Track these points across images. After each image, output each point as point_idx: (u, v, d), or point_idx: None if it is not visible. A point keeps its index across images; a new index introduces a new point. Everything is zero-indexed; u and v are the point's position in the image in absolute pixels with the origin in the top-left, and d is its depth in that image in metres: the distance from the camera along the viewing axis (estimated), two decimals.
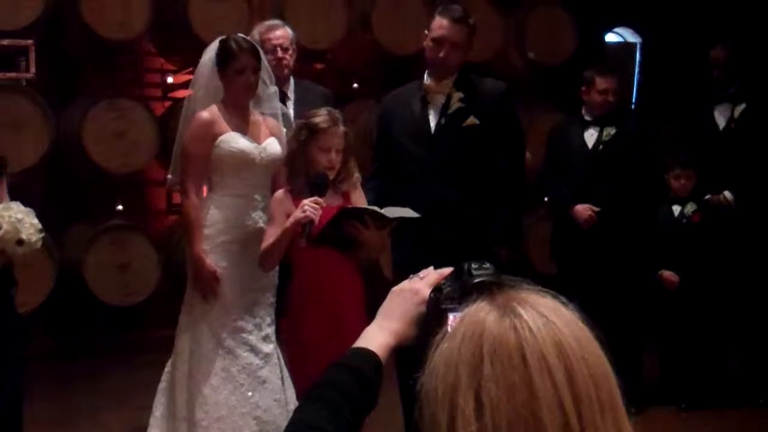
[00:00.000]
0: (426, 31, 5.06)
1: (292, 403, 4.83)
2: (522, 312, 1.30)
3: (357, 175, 4.50)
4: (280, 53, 5.57)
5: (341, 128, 4.39)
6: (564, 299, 1.35)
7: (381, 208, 4.17)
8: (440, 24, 4.98)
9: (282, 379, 4.89)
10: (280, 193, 4.47)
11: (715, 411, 6.26)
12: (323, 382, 1.70)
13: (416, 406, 1.32)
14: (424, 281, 1.76)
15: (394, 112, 5.17)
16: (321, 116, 4.39)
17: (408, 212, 4.22)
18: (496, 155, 4.99)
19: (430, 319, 1.66)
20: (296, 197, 4.33)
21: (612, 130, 6.24)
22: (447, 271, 1.72)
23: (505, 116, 5.03)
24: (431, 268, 1.80)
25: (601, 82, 6.28)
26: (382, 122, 5.30)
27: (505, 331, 1.28)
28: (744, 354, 6.72)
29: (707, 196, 6.53)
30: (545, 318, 1.30)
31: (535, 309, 1.31)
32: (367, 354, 1.74)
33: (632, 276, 6.23)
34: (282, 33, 5.67)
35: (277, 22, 5.84)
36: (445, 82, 5.00)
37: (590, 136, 6.30)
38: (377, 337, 1.77)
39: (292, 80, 5.74)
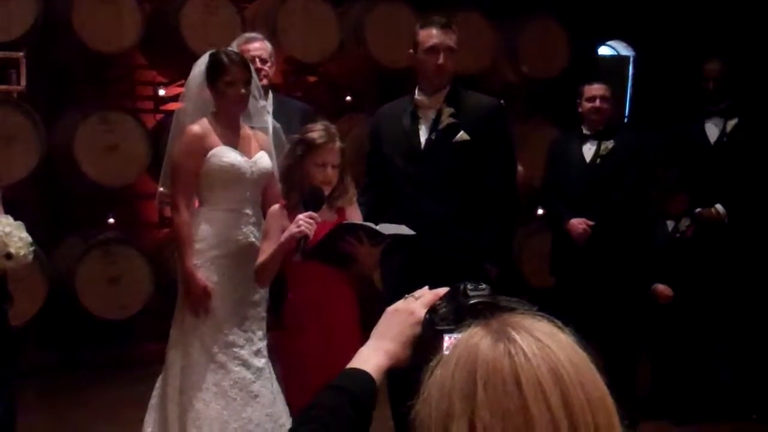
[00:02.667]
0: (411, 50, 5.04)
1: (284, 417, 4.80)
2: (516, 337, 1.28)
3: (353, 191, 4.49)
4: (258, 64, 5.53)
5: (337, 144, 4.37)
6: (560, 323, 1.33)
7: (375, 224, 4.16)
8: (429, 33, 4.97)
9: (273, 393, 4.86)
10: (275, 207, 4.45)
11: (708, 425, 6.25)
12: (317, 404, 1.68)
13: None
14: (420, 302, 1.74)
15: (385, 127, 5.16)
16: (317, 131, 4.36)
17: (403, 229, 4.20)
18: (487, 171, 4.97)
19: (425, 341, 1.65)
20: (292, 212, 4.31)
21: (610, 144, 6.24)
22: (442, 291, 1.70)
23: (497, 132, 5.01)
24: (426, 288, 1.78)
25: (588, 90, 6.34)
26: (373, 137, 5.28)
27: (499, 357, 1.26)
28: (737, 368, 6.71)
29: (698, 210, 6.54)
30: (540, 342, 1.28)
31: (530, 333, 1.29)
32: (362, 375, 1.72)
33: (626, 290, 6.21)
34: (260, 45, 5.65)
35: (255, 35, 5.83)
36: (436, 96, 4.99)
37: (588, 150, 6.30)
38: (372, 357, 1.75)
39: (270, 94, 5.71)
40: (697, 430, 6.20)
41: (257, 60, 5.55)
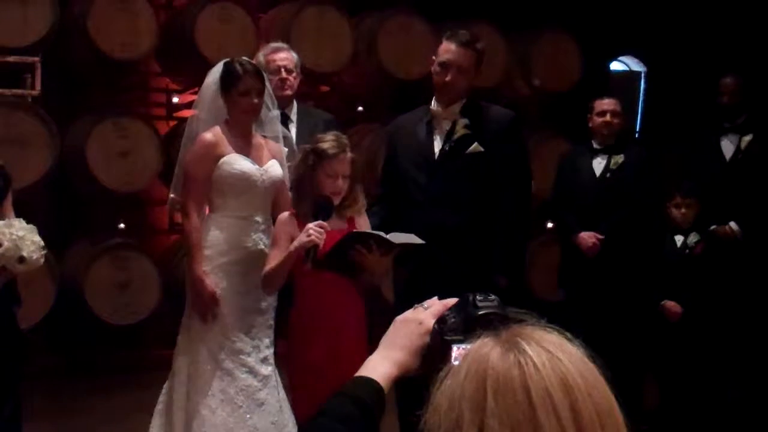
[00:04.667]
0: (433, 57, 5.06)
1: (290, 426, 4.80)
2: (527, 348, 1.29)
3: (362, 201, 4.49)
4: (284, 74, 5.57)
5: (349, 155, 4.37)
6: (569, 335, 1.34)
7: (386, 233, 4.16)
8: (447, 48, 4.98)
9: (280, 401, 4.86)
10: (285, 215, 4.46)
11: None
12: (325, 411, 1.69)
13: None
14: (429, 312, 1.75)
15: (400, 137, 5.17)
16: (329, 142, 4.37)
17: (413, 238, 4.20)
18: (501, 183, 4.97)
19: (433, 350, 1.66)
20: (302, 221, 4.32)
21: (620, 159, 6.26)
22: (452, 301, 1.71)
23: (511, 145, 5.01)
24: (436, 298, 1.78)
25: (599, 104, 6.37)
26: (389, 146, 5.30)
27: (509, 367, 1.27)
28: (744, 385, 6.69)
29: (713, 227, 6.52)
30: (550, 354, 1.28)
31: (540, 345, 1.30)
32: (370, 383, 1.72)
33: (635, 305, 6.21)
34: (286, 55, 5.69)
35: (282, 44, 5.86)
36: (452, 108, 4.99)
37: (598, 164, 6.32)
38: (380, 366, 1.75)
39: (295, 103, 5.74)
40: None
41: (283, 70, 5.58)
